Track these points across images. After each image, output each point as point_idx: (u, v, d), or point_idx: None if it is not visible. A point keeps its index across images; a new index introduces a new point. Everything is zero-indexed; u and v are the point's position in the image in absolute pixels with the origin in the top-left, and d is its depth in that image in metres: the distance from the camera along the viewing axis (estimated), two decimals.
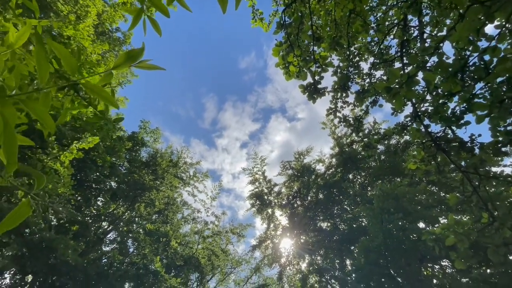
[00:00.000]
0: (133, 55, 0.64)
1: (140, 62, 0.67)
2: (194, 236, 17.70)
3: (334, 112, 6.37)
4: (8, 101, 0.55)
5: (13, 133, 0.54)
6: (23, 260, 8.64)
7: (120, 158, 15.17)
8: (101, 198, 15.33)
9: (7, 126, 0.53)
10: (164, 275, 11.67)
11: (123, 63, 0.65)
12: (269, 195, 19.61)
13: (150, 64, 0.68)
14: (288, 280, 18.36)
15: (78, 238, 12.56)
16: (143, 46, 0.67)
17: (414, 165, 4.54)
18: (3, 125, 0.53)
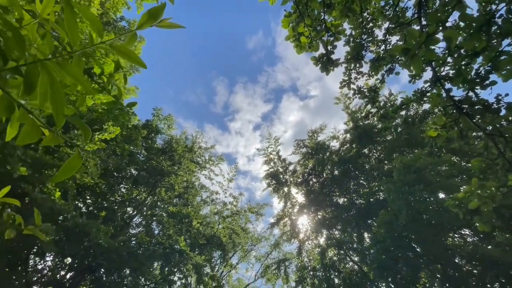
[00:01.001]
0: (154, 13, 0.65)
1: (161, 21, 0.67)
2: (214, 216, 18.40)
3: (348, 84, 6.18)
4: (48, 63, 0.58)
5: (59, 88, 0.58)
6: (61, 244, 9.39)
7: (138, 146, 15.65)
8: (124, 185, 16.08)
9: (53, 82, 0.57)
10: (189, 253, 12.36)
11: (146, 22, 0.66)
12: (284, 174, 19.80)
13: (172, 23, 0.69)
14: (307, 254, 18.93)
15: (107, 223, 13.40)
16: (164, 4, 0.67)
17: (435, 132, 4.40)
18: (49, 83, 0.57)
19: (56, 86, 0.58)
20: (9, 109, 0.64)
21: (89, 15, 0.64)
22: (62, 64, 0.60)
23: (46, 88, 0.58)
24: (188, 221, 14.24)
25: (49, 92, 0.58)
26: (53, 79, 0.57)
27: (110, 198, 14.70)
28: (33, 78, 0.58)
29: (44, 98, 0.60)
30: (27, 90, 0.59)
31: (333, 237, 18.00)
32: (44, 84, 0.59)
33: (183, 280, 14.37)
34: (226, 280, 20.32)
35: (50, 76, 0.57)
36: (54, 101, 0.59)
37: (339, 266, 17.01)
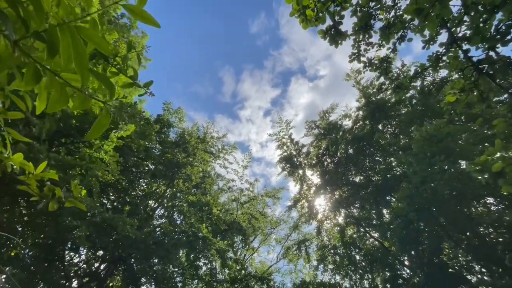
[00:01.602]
0: None
1: None
2: (232, 203, 18.84)
3: (358, 57, 5.97)
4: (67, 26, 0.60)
5: (82, 47, 0.61)
6: (92, 238, 9.97)
7: (152, 141, 16.00)
8: (143, 180, 16.64)
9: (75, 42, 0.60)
10: (212, 239, 12.83)
11: None
12: (298, 157, 19.78)
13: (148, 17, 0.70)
14: (327, 233, 19.16)
15: (132, 216, 14.02)
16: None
17: (453, 96, 4.23)
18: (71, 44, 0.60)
19: (79, 45, 0.61)
20: (36, 77, 0.68)
21: None
22: (79, 28, 0.63)
23: (69, 49, 0.61)
24: (208, 209, 14.67)
25: (72, 52, 0.61)
26: (75, 38, 0.60)
27: (131, 193, 15.30)
28: (55, 41, 0.61)
29: (68, 59, 0.63)
30: (51, 53, 0.62)
31: (351, 215, 18.05)
32: (67, 46, 0.61)
33: (208, 265, 15.01)
34: (249, 263, 21.02)
35: (72, 36, 0.60)
36: (78, 59, 0.62)
37: (359, 243, 17.16)
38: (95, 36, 0.64)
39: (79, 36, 0.62)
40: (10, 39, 0.68)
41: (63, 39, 0.62)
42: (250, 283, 15.22)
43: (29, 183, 1.30)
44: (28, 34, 0.67)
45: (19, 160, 1.27)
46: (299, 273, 21.88)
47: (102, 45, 0.66)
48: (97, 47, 0.66)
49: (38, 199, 1.37)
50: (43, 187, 1.38)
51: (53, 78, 0.68)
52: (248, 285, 14.90)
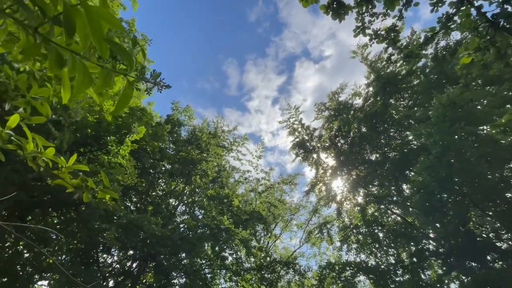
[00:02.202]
0: None
1: None
2: (250, 194, 19.08)
3: (363, 30, 5.77)
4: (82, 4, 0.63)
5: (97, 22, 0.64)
6: (121, 239, 10.45)
7: (165, 141, 16.32)
8: (162, 180, 17.10)
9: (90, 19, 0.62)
10: (234, 230, 13.13)
11: None
12: (310, 141, 19.62)
13: None
14: (347, 214, 19.14)
15: (155, 215, 14.53)
16: None
17: (468, 58, 4.03)
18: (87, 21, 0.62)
19: (94, 21, 0.63)
20: (60, 61, 0.71)
21: None
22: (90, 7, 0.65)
23: (85, 28, 0.64)
24: (227, 201, 14.96)
25: (89, 29, 0.64)
26: (89, 15, 0.62)
27: (152, 194, 15.80)
28: (72, 22, 0.64)
29: (85, 37, 0.66)
30: (69, 34, 0.65)
31: (371, 194, 17.89)
32: (82, 25, 0.64)
33: (234, 255, 15.42)
34: (273, 250, 21.43)
35: (87, 14, 0.62)
36: (95, 34, 0.65)
37: (381, 220, 17.05)
38: (106, 13, 0.66)
39: (94, 13, 0.64)
40: (31, 26, 0.72)
41: (78, 19, 0.65)
42: (276, 269, 15.56)
43: (63, 177, 1.38)
44: (46, 20, 0.70)
45: (51, 154, 1.35)
46: (323, 255, 22.13)
47: (114, 21, 0.68)
48: (109, 24, 0.68)
49: (73, 190, 1.45)
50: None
51: (75, 60, 0.71)
52: (274, 271, 15.25)
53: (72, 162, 1.41)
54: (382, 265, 15.50)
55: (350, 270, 15.01)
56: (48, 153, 1.34)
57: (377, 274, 14.48)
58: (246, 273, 15.11)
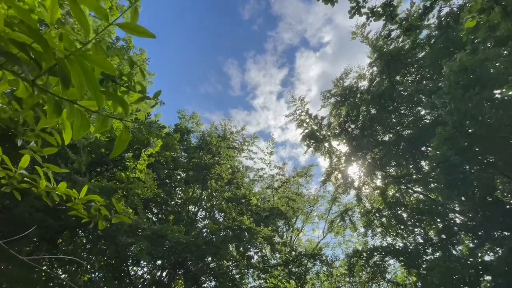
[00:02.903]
0: None
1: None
2: (267, 191, 19.09)
3: (358, 10, 5.63)
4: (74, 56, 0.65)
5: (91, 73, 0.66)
6: (148, 250, 10.72)
7: (176, 150, 16.58)
8: (178, 188, 17.40)
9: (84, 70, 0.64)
10: (256, 229, 13.20)
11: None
12: (320, 131, 19.39)
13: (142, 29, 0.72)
14: (368, 199, 18.84)
15: (177, 224, 14.81)
16: None
17: (473, 21, 3.85)
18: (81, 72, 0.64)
19: (87, 71, 0.65)
20: (57, 110, 0.74)
21: (92, 3, 0.68)
22: (84, 54, 0.67)
23: (80, 77, 0.66)
24: (245, 201, 15.05)
25: (83, 79, 0.66)
26: (83, 66, 0.64)
27: (171, 203, 16.11)
28: (66, 72, 0.66)
29: (80, 86, 0.68)
30: (65, 84, 0.68)
31: (389, 175, 17.53)
32: (77, 74, 0.66)
33: (259, 253, 15.52)
34: (297, 244, 21.41)
35: (80, 65, 0.64)
36: (89, 83, 0.67)
37: (403, 200, 16.69)
38: (99, 59, 0.68)
39: (86, 62, 0.66)
40: (28, 80, 0.74)
41: (72, 69, 0.67)
42: (303, 262, 15.55)
43: (77, 208, 1.42)
44: (42, 71, 0.72)
45: (63, 189, 1.39)
46: (348, 243, 21.92)
47: (107, 66, 0.69)
48: (103, 69, 0.70)
49: (88, 220, 1.49)
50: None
51: (72, 107, 0.74)
52: (301, 264, 15.24)
53: (84, 193, 1.45)
54: (410, 246, 15.19)
55: (378, 255, 14.80)
56: (61, 188, 1.39)
57: (406, 255, 14.20)
58: (274, 270, 15.18)
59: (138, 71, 2.26)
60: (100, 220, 1.52)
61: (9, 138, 7.21)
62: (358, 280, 15.80)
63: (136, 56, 18.51)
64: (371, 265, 14.77)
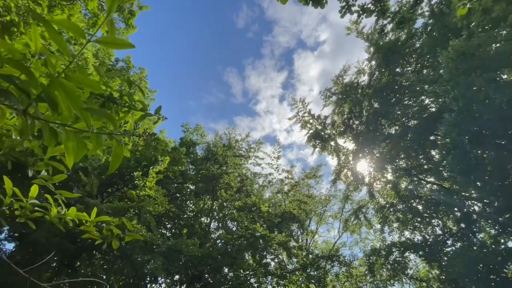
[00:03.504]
0: None
1: None
2: (277, 196, 18.98)
3: (348, 8, 5.67)
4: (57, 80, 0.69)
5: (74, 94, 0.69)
6: (164, 266, 10.74)
7: (183, 164, 16.72)
8: (189, 201, 17.47)
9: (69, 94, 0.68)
10: (270, 235, 13.10)
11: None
12: (324, 130, 19.31)
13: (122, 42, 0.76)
14: (380, 194, 18.52)
15: (191, 237, 14.83)
16: None
17: (464, 9, 3.84)
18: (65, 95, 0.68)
19: (70, 93, 0.69)
20: (53, 135, 0.78)
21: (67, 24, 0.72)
22: (69, 77, 0.71)
23: (66, 100, 0.70)
24: (256, 209, 14.99)
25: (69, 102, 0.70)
26: (65, 88, 0.68)
27: (183, 217, 16.17)
28: (53, 97, 0.70)
29: (68, 109, 0.72)
30: (53, 108, 0.72)
31: (399, 168, 17.24)
32: (63, 98, 0.70)
33: (275, 259, 15.35)
34: (314, 246, 21.11)
35: (62, 88, 0.68)
36: (74, 105, 0.71)
37: (417, 193, 16.35)
38: (82, 78, 0.72)
39: (69, 85, 0.70)
40: (19, 110, 0.79)
41: (58, 93, 0.71)
42: (321, 264, 15.29)
43: (90, 230, 1.46)
44: (31, 100, 0.77)
45: (73, 213, 1.44)
46: (365, 241, 21.51)
47: (92, 85, 0.73)
48: (88, 87, 0.73)
49: (101, 241, 1.53)
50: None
51: (66, 131, 0.78)
52: (319, 267, 14.99)
53: (94, 215, 1.49)
54: (429, 238, 14.80)
55: (396, 251, 14.45)
56: (71, 213, 1.44)
57: (425, 249, 13.83)
58: (292, 275, 14.96)
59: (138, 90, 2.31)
60: (113, 240, 1.55)
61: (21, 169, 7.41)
62: (379, 278, 15.42)
63: (136, 75, 18.93)
64: (391, 262, 14.42)
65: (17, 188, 1.44)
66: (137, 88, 2.21)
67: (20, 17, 6.64)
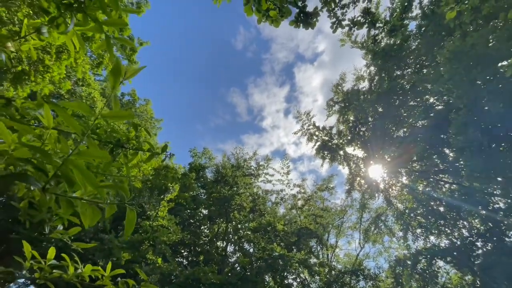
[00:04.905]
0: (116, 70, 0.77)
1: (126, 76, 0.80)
2: (291, 212, 18.60)
3: (339, 23, 5.82)
4: (70, 160, 0.72)
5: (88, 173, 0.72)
6: None
7: (194, 189, 16.73)
8: (203, 227, 17.27)
9: (83, 172, 0.72)
10: (288, 254, 12.69)
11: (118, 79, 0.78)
12: (331, 140, 19.18)
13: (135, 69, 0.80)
14: (398, 199, 17.93)
15: (208, 263, 14.50)
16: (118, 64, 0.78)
17: (453, 12, 3.89)
18: (79, 172, 0.72)
19: (83, 171, 0.73)
20: (70, 205, 0.81)
21: (76, 105, 0.77)
22: (82, 152, 0.75)
23: (81, 177, 0.74)
24: (271, 228, 14.67)
25: (84, 178, 0.74)
26: (79, 166, 0.72)
27: (199, 243, 15.93)
28: (68, 174, 0.74)
29: (84, 185, 0.75)
30: (69, 184, 0.75)
31: (413, 170, 16.79)
32: (78, 175, 0.74)
33: (297, 279, 14.77)
34: (335, 261, 20.27)
35: (76, 166, 0.72)
36: (89, 181, 0.74)
37: (436, 195, 15.76)
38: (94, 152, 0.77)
39: (81, 164, 0.74)
40: (39, 188, 0.83)
41: (75, 172, 0.75)
42: (346, 280, 14.61)
43: (106, 284, 1.46)
44: (49, 179, 0.81)
45: (89, 270, 1.45)
46: (390, 250, 20.55)
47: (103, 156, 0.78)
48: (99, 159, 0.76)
49: None
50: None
51: (81, 203, 0.81)
52: (344, 283, 14.31)
53: (109, 270, 1.50)
54: (456, 242, 14.05)
55: (423, 259, 13.72)
56: (87, 271, 1.46)
57: (454, 254, 13.09)
58: None
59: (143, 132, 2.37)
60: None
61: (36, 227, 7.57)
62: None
63: (142, 107, 19.50)
64: (419, 271, 13.64)
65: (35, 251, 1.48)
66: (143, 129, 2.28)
67: (31, 66, 7.06)
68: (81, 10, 1.01)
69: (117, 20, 1.08)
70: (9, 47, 1.30)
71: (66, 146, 0.83)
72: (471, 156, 11.09)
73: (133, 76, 0.82)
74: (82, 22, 1.04)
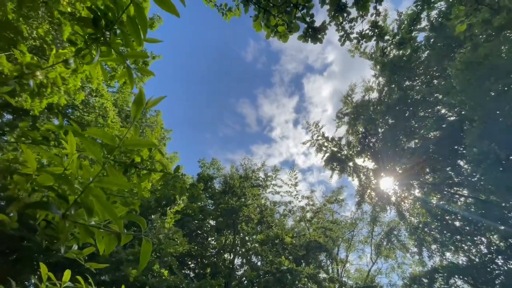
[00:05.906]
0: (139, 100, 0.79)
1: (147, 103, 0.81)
2: (300, 224, 18.25)
3: (347, 36, 5.85)
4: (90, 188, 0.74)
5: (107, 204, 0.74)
6: None
7: (202, 200, 16.71)
8: (211, 238, 17.12)
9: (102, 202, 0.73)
10: (297, 268, 12.36)
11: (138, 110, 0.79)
12: (341, 151, 18.95)
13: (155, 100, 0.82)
14: (411, 213, 17.35)
15: (215, 276, 14.26)
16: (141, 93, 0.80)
17: (463, 25, 3.86)
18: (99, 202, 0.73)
19: (103, 202, 0.74)
20: (88, 233, 0.83)
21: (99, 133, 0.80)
22: (102, 180, 0.76)
23: (100, 207, 0.75)
24: (279, 241, 14.39)
25: (104, 209, 0.75)
26: (99, 197, 0.74)
27: (206, 254, 15.75)
28: (88, 203, 0.75)
29: (103, 213, 0.77)
30: (89, 213, 0.77)
31: (426, 183, 16.29)
32: (97, 205, 0.75)
33: None
34: (346, 276, 19.58)
35: (97, 197, 0.74)
36: (109, 214, 0.76)
37: (450, 209, 15.18)
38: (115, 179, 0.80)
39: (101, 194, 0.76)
40: (59, 216, 0.85)
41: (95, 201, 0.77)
42: None
43: None
44: (69, 205, 0.83)
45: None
46: (403, 266, 19.74)
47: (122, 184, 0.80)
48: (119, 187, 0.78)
49: None
50: None
51: (98, 232, 0.84)
52: None
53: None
54: (475, 259, 13.37)
55: (439, 277, 13.08)
56: None
57: (473, 271, 12.43)
58: None
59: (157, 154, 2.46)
60: None
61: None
62: None
63: (152, 118, 19.91)
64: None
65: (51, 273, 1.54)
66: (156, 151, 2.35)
67: (48, 78, 7.35)
68: (106, 44, 1.06)
69: (139, 53, 1.15)
70: (38, 76, 1.38)
71: (87, 172, 0.86)
72: (488, 168, 10.72)
73: (154, 106, 0.86)
74: (106, 53, 1.11)
